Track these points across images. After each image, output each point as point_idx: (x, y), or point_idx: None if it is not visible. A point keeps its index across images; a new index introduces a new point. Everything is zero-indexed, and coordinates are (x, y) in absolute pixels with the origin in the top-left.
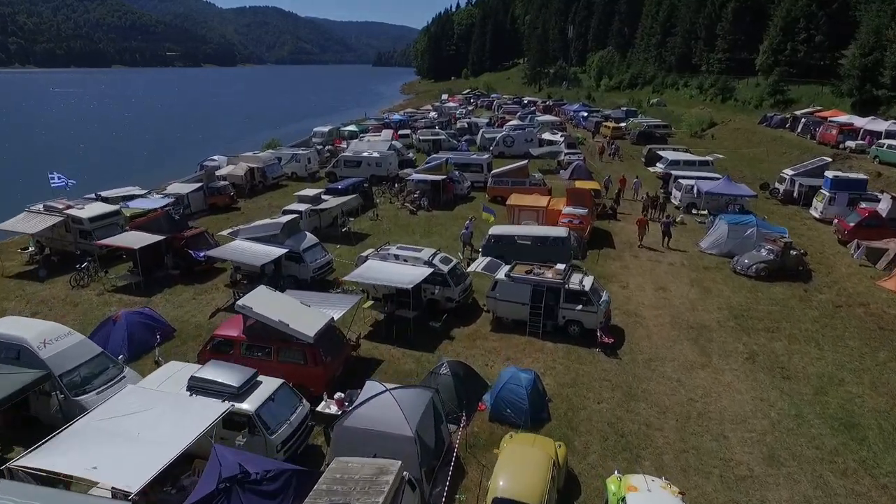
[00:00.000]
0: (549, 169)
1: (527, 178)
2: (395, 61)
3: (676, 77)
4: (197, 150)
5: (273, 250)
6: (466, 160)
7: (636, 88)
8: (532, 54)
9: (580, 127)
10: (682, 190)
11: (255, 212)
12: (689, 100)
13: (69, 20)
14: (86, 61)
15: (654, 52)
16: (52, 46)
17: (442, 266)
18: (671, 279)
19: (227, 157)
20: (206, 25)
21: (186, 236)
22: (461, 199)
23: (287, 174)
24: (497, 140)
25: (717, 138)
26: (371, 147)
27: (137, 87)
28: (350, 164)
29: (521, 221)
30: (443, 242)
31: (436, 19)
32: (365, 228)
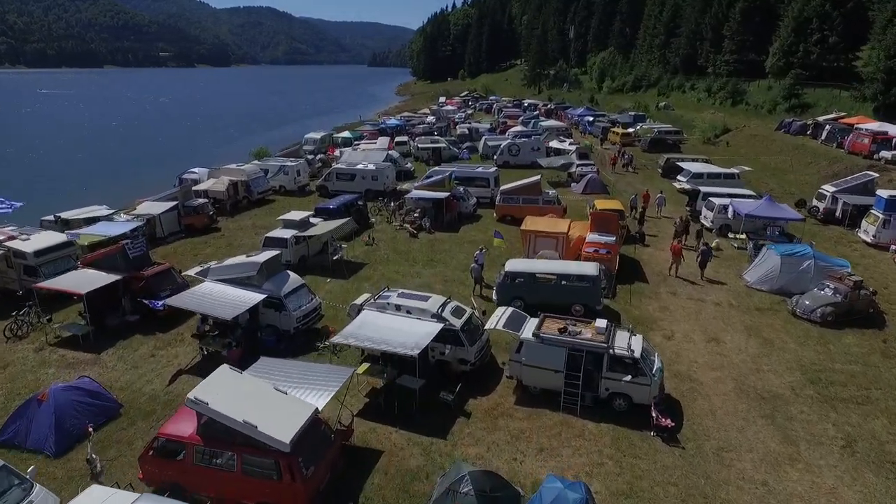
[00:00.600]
0: (559, 181)
1: (539, 195)
2: (391, 62)
3: (682, 79)
4: (181, 158)
5: (248, 297)
6: (471, 174)
7: (640, 91)
8: (532, 55)
9: (586, 133)
10: (715, 210)
11: (237, 233)
12: (697, 103)
13: (60, 20)
14: (77, 62)
15: (657, 53)
16: (43, 46)
17: (454, 320)
18: (722, 325)
19: (207, 170)
20: (199, 25)
21: (147, 276)
22: (466, 217)
23: (274, 188)
24: (501, 149)
25: (733, 145)
26: (366, 157)
27: (128, 88)
28: (343, 178)
29: (538, 250)
30: (448, 273)
31: (431, 19)
32: (359, 255)
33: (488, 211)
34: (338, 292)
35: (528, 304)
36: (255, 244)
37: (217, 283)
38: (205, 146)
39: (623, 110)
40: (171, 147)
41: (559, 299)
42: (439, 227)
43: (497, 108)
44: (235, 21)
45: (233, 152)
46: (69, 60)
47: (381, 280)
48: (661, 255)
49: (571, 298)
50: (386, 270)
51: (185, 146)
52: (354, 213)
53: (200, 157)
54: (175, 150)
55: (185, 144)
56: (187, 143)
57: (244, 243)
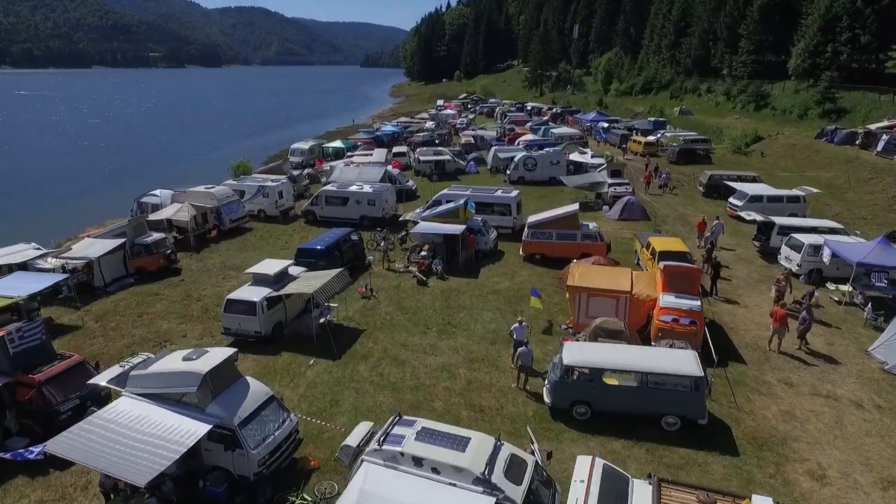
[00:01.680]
0: (587, 202)
1: (577, 229)
2: (384, 62)
3: (697, 81)
4: (153, 171)
5: (180, 432)
6: (488, 198)
7: (650, 94)
8: (533, 56)
9: (601, 140)
10: (804, 252)
11: (201, 278)
12: (716, 107)
13: (48, 20)
14: (65, 62)
15: (665, 54)
16: (30, 46)
17: (511, 488)
18: (883, 447)
19: (171, 192)
20: (190, 25)
21: (42, 380)
22: (485, 255)
23: (253, 213)
24: (515, 162)
25: (769, 156)
26: (360, 175)
27: (113, 89)
28: (334, 202)
29: (591, 314)
30: (473, 347)
31: (426, 19)
32: (353, 316)
33: (510, 245)
34: (325, 384)
35: (596, 412)
36: (221, 295)
37: (137, 400)
38: (184, 155)
39: (636, 115)
40: (146, 157)
41: (643, 407)
42: (453, 269)
43: (500, 113)
44: (226, 21)
45: (212, 164)
46: (57, 61)
47: (383, 359)
48: (744, 313)
49: (661, 407)
50: (390, 343)
51: (162, 156)
52: (347, 252)
53: (175, 170)
54: (150, 159)
55: (161, 154)
56: (165, 153)
57: (206, 294)
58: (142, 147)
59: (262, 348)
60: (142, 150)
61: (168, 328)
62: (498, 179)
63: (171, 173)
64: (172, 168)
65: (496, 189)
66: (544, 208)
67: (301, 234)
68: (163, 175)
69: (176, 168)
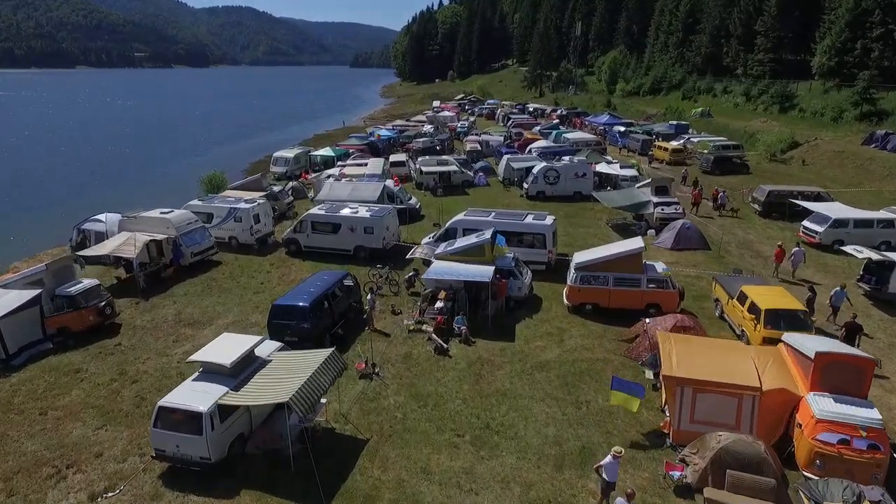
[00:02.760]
0: (624, 223)
1: (642, 273)
2: (374, 62)
3: (712, 81)
4: (116, 184)
5: None
6: (517, 226)
7: (659, 94)
8: (533, 55)
9: (618, 146)
10: None
11: (145, 338)
12: (735, 109)
13: (30, 18)
14: (48, 62)
15: (673, 52)
16: (11, 46)
17: None
18: None
19: (119, 217)
20: (177, 25)
21: None
22: (518, 302)
23: (223, 240)
24: (535, 175)
25: (812, 164)
26: (354, 193)
27: (92, 90)
28: (322, 229)
29: (697, 418)
30: (529, 475)
31: (418, 18)
32: (350, 412)
33: (546, 286)
34: None
35: None
36: (167, 371)
37: None
38: (158, 163)
39: (649, 117)
40: (112, 165)
41: None
42: (479, 325)
43: (502, 115)
44: (214, 21)
45: (187, 173)
46: (39, 61)
47: None
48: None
49: None
50: (405, 470)
51: (131, 164)
52: (340, 303)
53: (142, 182)
54: (116, 169)
55: (131, 161)
56: (135, 160)
57: (147, 371)
58: (111, 153)
59: (209, 483)
60: (110, 156)
61: (78, 438)
62: (513, 194)
63: (136, 186)
64: (140, 178)
65: (525, 214)
66: (575, 233)
67: (281, 270)
68: (127, 188)
69: (144, 178)
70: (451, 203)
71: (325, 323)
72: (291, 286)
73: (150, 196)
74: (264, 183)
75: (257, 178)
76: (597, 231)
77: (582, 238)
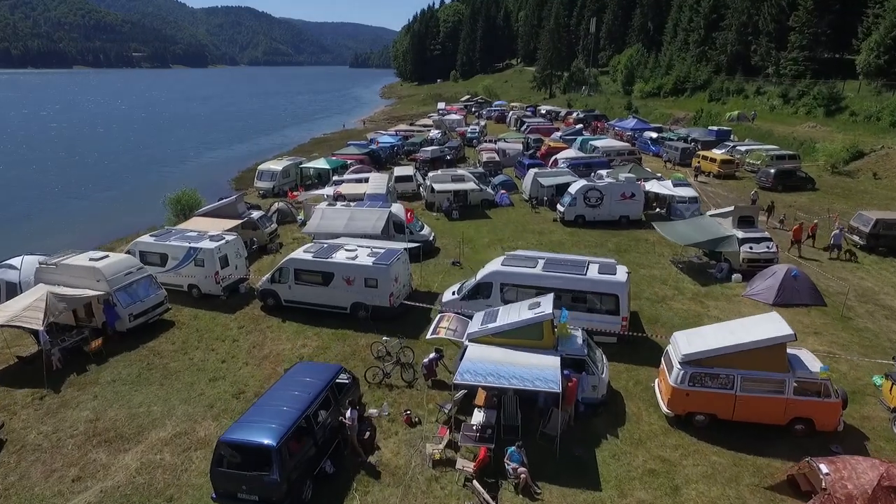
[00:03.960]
0: (700, 263)
1: (785, 370)
2: (373, 62)
3: (742, 81)
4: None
5: None
6: (576, 281)
7: (682, 96)
8: (543, 54)
9: (650, 154)
10: None
11: (38, 465)
12: (771, 112)
13: (27, 18)
14: (45, 62)
15: (694, 50)
16: (7, 46)
17: None
18: None
19: (37, 261)
20: (175, 25)
21: None
22: (592, 407)
23: (182, 288)
24: (573, 196)
25: (885, 177)
26: (353, 224)
27: (81, 90)
28: (309, 279)
29: None
30: None
31: (419, 16)
32: None
33: (617, 369)
34: None
35: None
36: None
37: None
38: (131, 173)
39: (676, 120)
40: (75, 179)
41: None
42: (538, 452)
43: (514, 118)
44: (213, 21)
45: (157, 189)
46: (36, 61)
47: None
48: None
49: None
50: None
51: (101, 174)
52: (330, 415)
53: (101, 202)
54: (80, 183)
55: (102, 171)
56: (110, 169)
57: None
58: (80, 162)
59: None
60: (78, 165)
61: None
62: (543, 217)
63: (96, 205)
64: (106, 194)
65: (585, 262)
66: (636, 279)
67: (253, 336)
68: (83, 209)
69: (109, 194)
70: (471, 229)
71: (305, 463)
72: (261, 368)
73: (108, 221)
74: (241, 207)
75: (232, 202)
76: (663, 273)
77: (647, 286)
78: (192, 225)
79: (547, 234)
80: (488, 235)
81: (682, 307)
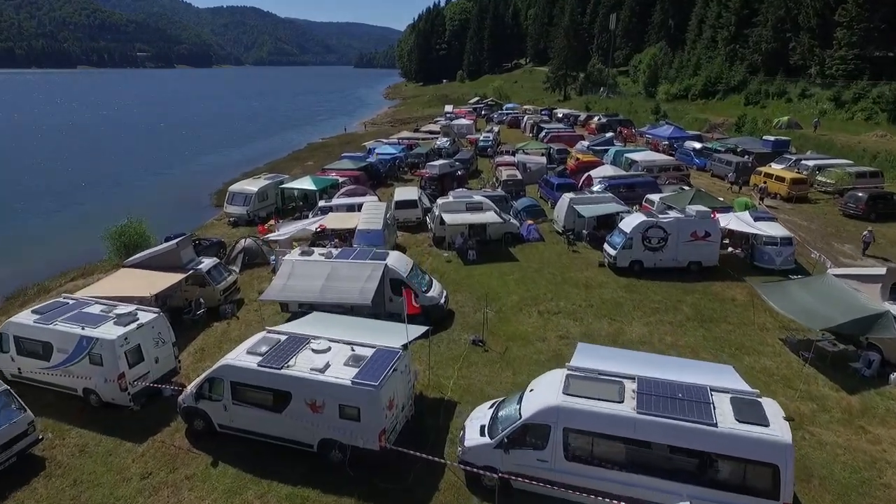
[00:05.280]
0: (833, 349)
1: None
2: (378, 62)
3: (784, 83)
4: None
5: None
6: (693, 436)
7: (713, 98)
8: (557, 53)
9: (694, 168)
10: None
11: None
12: (823, 118)
13: (32, 18)
14: (49, 62)
15: (723, 49)
16: (11, 45)
17: None
18: None
19: None
20: (180, 25)
21: None
22: None
23: (77, 394)
24: (629, 235)
25: None
26: (331, 287)
27: (83, 91)
28: (252, 399)
29: None
30: None
31: (424, 14)
32: None
33: None
34: None
35: None
36: None
37: None
38: (99, 185)
39: (713, 126)
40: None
41: None
42: None
43: (530, 123)
44: (219, 21)
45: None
46: (40, 60)
47: None
48: None
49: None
50: None
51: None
52: None
53: (51, 228)
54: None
55: (68, 182)
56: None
57: None
58: (46, 170)
59: None
60: (43, 174)
61: None
62: (585, 259)
63: (44, 230)
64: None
65: (706, 387)
66: (748, 379)
67: (160, 498)
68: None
69: (66, 212)
70: (494, 279)
71: None
72: None
73: (44, 252)
74: (185, 255)
75: (173, 250)
76: (780, 366)
77: (765, 390)
78: (113, 283)
79: (595, 289)
80: (517, 289)
81: (838, 440)
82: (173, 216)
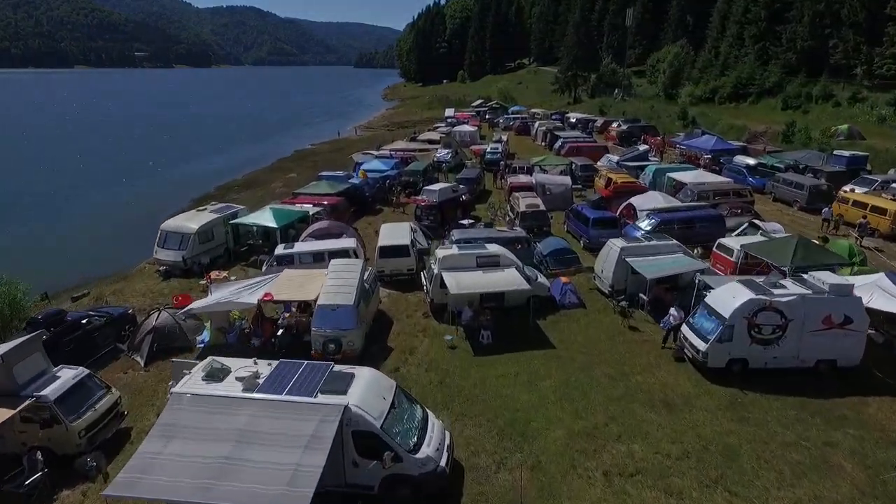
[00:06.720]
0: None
1: None
2: (378, 62)
3: (828, 85)
4: None
5: None
6: None
7: (745, 102)
8: (567, 52)
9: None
10: None
11: None
12: (881, 125)
13: (30, 17)
14: (47, 61)
15: (751, 47)
16: (7, 45)
17: None
18: None
19: None
20: (180, 25)
21: None
22: None
23: None
24: (727, 322)
25: None
26: (231, 474)
27: (78, 92)
28: None
29: None
30: None
31: (424, 13)
32: None
33: None
34: None
35: None
36: None
37: None
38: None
39: (754, 135)
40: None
41: None
42: None
43: (543, 131)
44: (218, 21)
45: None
46: (37, 60)
47: None
48: None
49: None
50: None
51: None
52: None
53: None
54: None
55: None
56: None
57: None
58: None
59: None
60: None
61: None
62: (648, 341)
63: None
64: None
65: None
66: None
67: None
68: None
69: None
70: (521, 385)
71: None
72: None
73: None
74: (20, 374)
75: (28, 343)
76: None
77: None
78: None
79: (684, 412)
80: (561, 412)
81: None
82: (99, 254)
